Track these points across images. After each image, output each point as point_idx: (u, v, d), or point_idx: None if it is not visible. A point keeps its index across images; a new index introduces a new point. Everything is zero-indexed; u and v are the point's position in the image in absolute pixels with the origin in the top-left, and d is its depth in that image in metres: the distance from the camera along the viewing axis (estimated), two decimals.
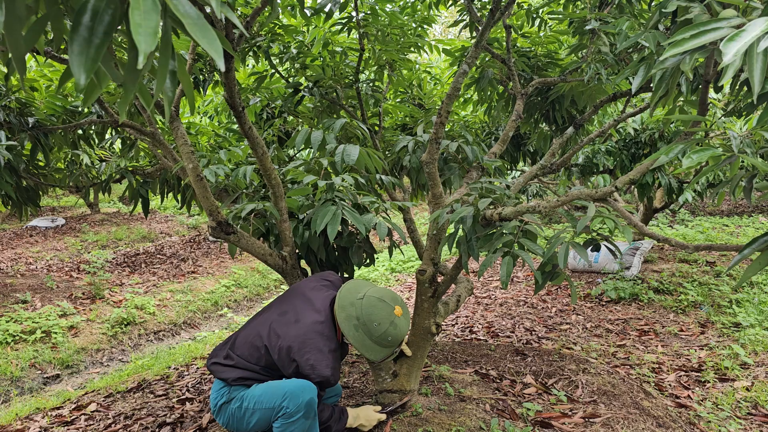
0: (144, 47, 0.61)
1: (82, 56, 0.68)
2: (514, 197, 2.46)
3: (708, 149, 1.36)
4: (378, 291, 2.39)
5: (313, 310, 2.36)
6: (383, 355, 2.38)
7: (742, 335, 4.34)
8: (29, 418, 3.66)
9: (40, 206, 4.01)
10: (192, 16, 0.69)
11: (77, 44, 0.69)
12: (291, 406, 2.23)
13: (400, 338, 2.37)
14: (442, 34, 18.74)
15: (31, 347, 5.47)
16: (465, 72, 2.77)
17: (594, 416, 2.91)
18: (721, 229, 9.42)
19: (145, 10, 0.63)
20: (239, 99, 2.25)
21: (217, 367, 2.41)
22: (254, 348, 2.35)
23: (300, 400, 2.24)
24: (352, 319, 2.31)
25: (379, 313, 2.31)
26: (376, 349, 2.34)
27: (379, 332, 2.30)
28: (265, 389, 2.30)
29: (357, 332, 2.30)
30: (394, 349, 2.41)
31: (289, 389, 2.25)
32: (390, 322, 2.31)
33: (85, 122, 3.40)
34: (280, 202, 2.58)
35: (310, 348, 2.24)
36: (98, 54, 0.69)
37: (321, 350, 2.26)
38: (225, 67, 0.67)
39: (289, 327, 2.30)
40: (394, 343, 2.37)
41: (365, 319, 2.30)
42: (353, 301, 2.34)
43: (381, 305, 2.32)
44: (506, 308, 5.66)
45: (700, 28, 1.18)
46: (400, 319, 2.35)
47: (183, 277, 8.66)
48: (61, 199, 14.69)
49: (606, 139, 6.48)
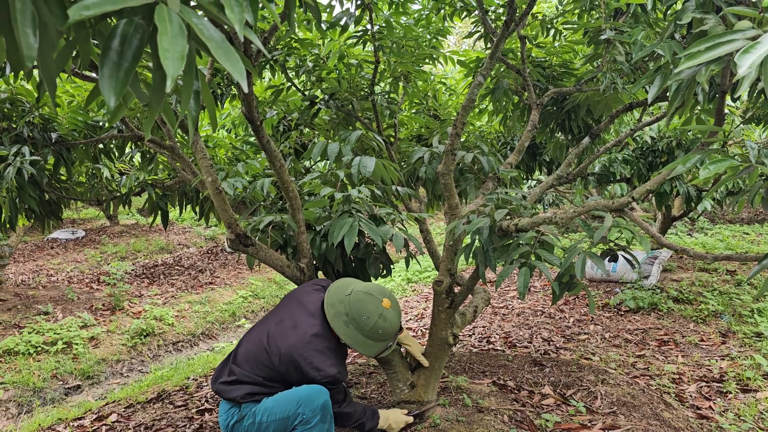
0: (172, 71, 0.64)
1: (112, 79, 0.71)
2: (530, 208, 2.47)
3: (725, 159, 1.36)
4: (365, 286, 2.41)
5: (307, 314, 2.38)
6: (377, 350, 2.39)
7: (764, 345, 4.27)
8: (51, 428, 3.71)
9: (62, 219, 4.08)
10: (216, 40, 0.71)
11: (107, 68, 0.71)
12: (307, 412, 2.25)
13: (391, 331, 2.38)
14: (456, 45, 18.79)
15: (53, 358, 5.54)
16: (480, 83, 2.78)
17: (613, 428, 2.88)
18: (741, 237, 9.31)
19: (172, 35, 0.65)
20: (257, 113, 2.28)
21: (223, 386, 2.39)
22: (256, 361, 2.35)
23: (315, 404, 2.26)
24: (342, 315, 2.33)
25: (368, 306, 2.32)
26: (369, 344, 2.35)
27: (369, 326, 2.31)
28: (278, 400, 2.31)
29: (348, 328, 2.32)
30: (387, 343, 2.41)
31: (303, 396, 2.27)
32: (379, 315, 2.33)
33: (107, 137, 3.46)
34: (297, 214, 2.60)
35: (311, 351, 2.25)
36: (127, 77, 0.72)
37: (322, 351, 2.28)
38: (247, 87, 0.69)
39: (287, 334, 2.31)
40: (387, 336, 2.38)
41: (354, 314, 2.31)
42: (341, 298, 2.35)
43: (369, 299, 2.34)
44: (523, 318, 5.63)
45: (715, 40, 1.19)
46: (389, 311, 2.36)
47: (201, 288, 8.72)
48: (81, 211, 14.89)
49: (622, 147, 6.44)
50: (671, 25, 2.05)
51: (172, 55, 0.64)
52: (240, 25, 0.73)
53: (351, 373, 3.88)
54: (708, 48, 1.19)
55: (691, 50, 1.21)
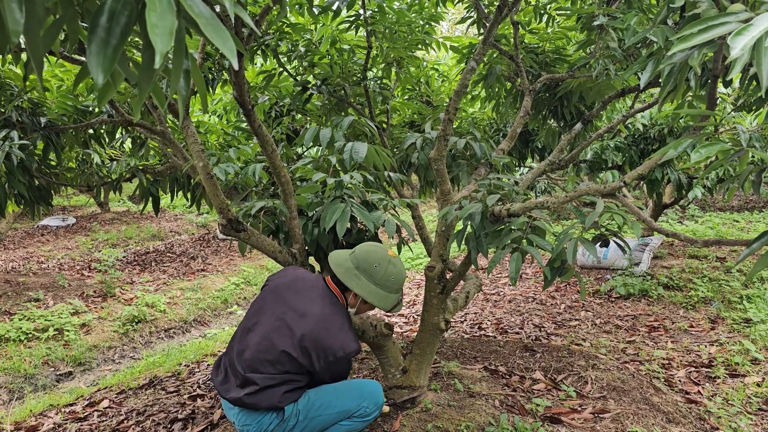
0: (160, 47, 0.63)
1: (100, 56, 0.70)
2: (523, 193, 2.47)
3: (717, 144, 1.37)
4: (366, 243, 2.44)
5: (312, 297, 2.30)
6: (391, 302, 2.37)
7: (752, 331, 4.32)
8: (43, 414, 3.71)
9: (52, 205, 4.05)
10: (206, 16, 0.70)
11: (95, 45, 0.70)
12: (371, 406, 2.33)
13: (401, 279, 2.39)
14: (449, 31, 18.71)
15: (44, 345, 5.53)
16: (473, 69, 2.77)
17: (603, 412, 2.91)
18: (731, 224, 9.37)
19: (161, 11, 0.64)
20: (249, 97, 2.26)
21: (251, 399, 2.20)
22: (274, 361, 2.20)
23: (379, 399, 2.37)
24: (352, 270, 2.32)
25: (375, 255, 2.35)
26: (382, 295, 2.33)
27: (381, 273, 2.32)
28: (335, 393, 2.30)
29: (360, 280, 2.31)
30: (398, 296, 2.40)
31: (367, 391, 2.35)
32: (388, 261, 2.34)
33: (97, 121, 3.43)
34: (289, 200, 2.59)
35: (331, 332, 2.19)
36: (115, 54, 0.71)
37: (342, 329, 2.22)
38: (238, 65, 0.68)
39: (299, 324, 2.21)
40: (398, 286, 2.38)
41: (365, 265, 2.32)
42: (347, 257, 2.36)
43: (375, 249, 2.37)
44: (515, 305, 5.66)
45: (708, 22, 1.19)
46: (396, 259, 2.39)
47: (193, 275, 8.71)
48: (71, 198, 14.80)
49: (614, 135, 6.46)
50: (664, 10, 2.05)
51: (160, 30, 0.63)
52: (230, 2, 0.72)
53: None
54: (701, 30, 1.19)
55: (684, 33, 1.21)
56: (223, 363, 2.41)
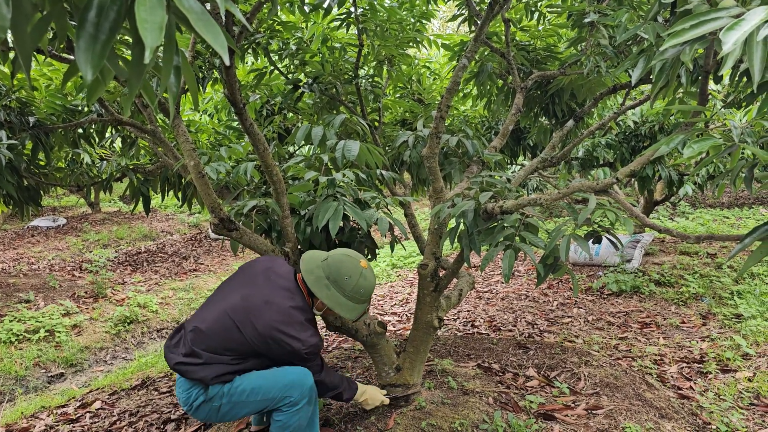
0: (150, 42, 0.62)
1: (89, 52, 0.69)
2: (515, 190, 2.47)
3: (709, 139, 1.37)
4: (340, 250, 2.41)
5: (279, 288, 2.32)
6: (357, 313, 2.37)
7: (743, 326, 4.34)
8: (35, 416, 3.68)
9: (41, 206, 4.01)
10: (196, 11, 0.69)
11: (83, 40, 0.69)
12: (295, 395, 2.27)
13: (369, 291, 2.38)
14: (440, 29, 18.71)
15: (35, 346, 5.49)
16: (464, 66, 2.77)
17: (597, 408, 2.92)
18: (722, 221, 9.43)
19: (150, 5, 0.63)
20: (240, 96, 2.25)
21: (186, 367, 2.26)
22: (225, 340, 2.24)
23: (305, 387, 2.29)
24: (323, 279, 2.31)
25: (347, 266, 2.32)
26: (350, 306, 2.33)
27: (351, 285, 2.30)
28: (260, 381, 2.29)
29: (330, 291, 2.30)
30: (366, 306, 2.41)
31: (291, 379, 2.28)
32: (359, 274, 2.32)
33: (86, 121, 3.40)
34: (281, 199, 2.58)
35: (291, 324, 2.21)
36: (104, 50, 0.70)
37: (302, 323, 2.24)
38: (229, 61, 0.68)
39: (260, 310, 2.23)
40: (366, 297, 2.37)
41: (335, 275, 2.30)
42: (318, 264, 2.33)
43: (347, 260, 2.34)
44: (508, 302, 5.67)
45: (699, 18, 1.19)
46: (367, 270, 2.37)
47: (185, 275, 8.67)
48: (61, 198, 14.71)
49: (606, 132, 6.48)
50: (655, 6, 2.05)
51: (150, 25, 0.62)
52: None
53: (336, 358, 3.88)
54: (693, 26, 1.19)
55: (675, 28, 1.21)
56: (182, 332, 2.42)
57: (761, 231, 1.43)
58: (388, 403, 2.77)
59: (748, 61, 1.10)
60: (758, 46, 1.09)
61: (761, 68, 1.10)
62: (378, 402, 2.70)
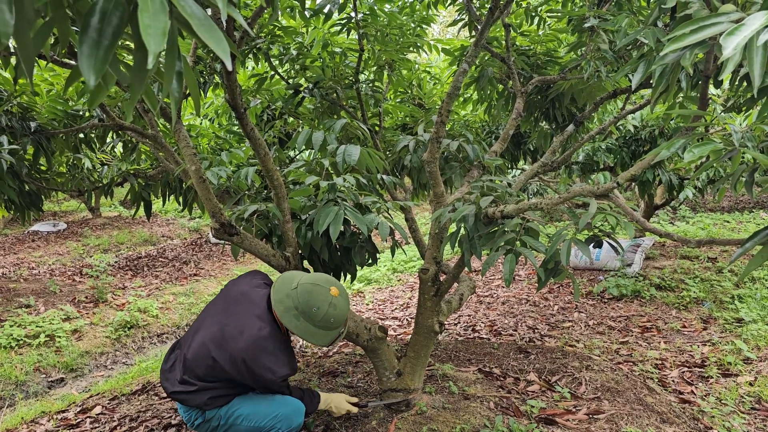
0: (153, 48, 0.62)
1: (92, 58, 0.69)
2: (516, 195, 2.47)
3: (709, 143, 1.37)
4: (310, 277, 2.36)
5: (252, 316, 2.33)
6: (329, 339, 2.36)
7: (744, 331, 4.34)
8: (35, 421, 3.67)
9: (42, 210, 4.02)
10: (199, 17, 0.70)
11: (86, 46, 0.70)
12: (283, 428, 2.37)
13: (342, 318, 2.35)
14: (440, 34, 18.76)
15: (35, 351, 5.48)
16: (465, 71, 2.77)
17: (598, 412, 2.91)
18: (722, 225, 9.43)
19: (153, 11, 0.64)
20: (241, 100, 2.26)
21: (182, 396, 2.35)
22: (208, 367, 2.30)
23: (293, 423, 2.39)
24: (291, 310, 2.28)
25: (316, 297, 2.28)
26: (322, 334, 2.32)
27: (320, 316, 2.27)
28: (255, 408, 2.37)
29: (299, 321, 2.28)
30: (339, 330, 2.39)
31: (283, 413, 2.37)
32: (329, 304, 2.28)
33: (87, 126, 3.41)
34: (282, 203, 2.59)
35: (262, 354, 2.24)
36: (107, 55, 0.70)
37: (273, 353, 2.26)
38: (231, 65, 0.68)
39: (235, 340, 2.26)
40: (338, 324, 2.35)
41: (304, 306, 2.27)
42: (288, 293, 2.30)
43: (316, 289, 2.29)
44: (508, 306, 5.67)
45: (699, 23, 1.19)
46: (337, 298, 2.32)
47: (185, 279, 8.67)
48: (62, 203, 14.72)
49: (606, 136, 6.48)
50: (655, 11, 2.05)
51: (153, 31, 0.63)
52: (223, 3, 0.72)
53: (337, 362, 3.88)
54: (693, 31, 1.19)
55: (676, 33, 1.21)
56: (176, 353, 2.51)
57: (762, 235, 1.43)
58: (356, 412, 2.76)
59: (748, 65, 1.10)
60: (758, 50, 1.09)
61: (761, 73, 1.10)
62: (344, 410, 2.69)
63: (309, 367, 3.90)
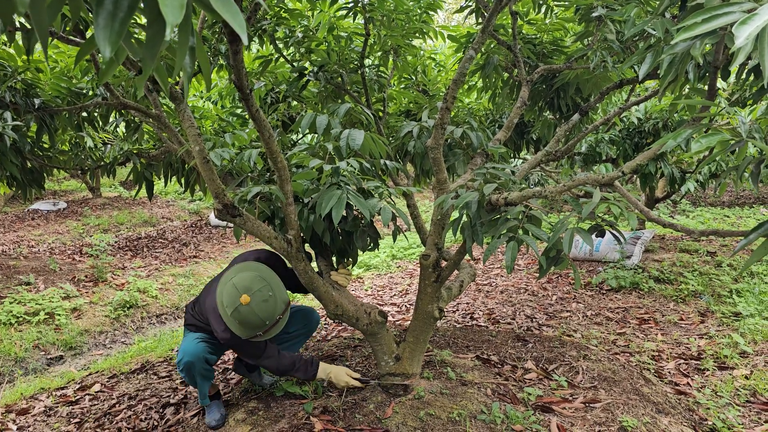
0: (171, 19, 0.62)
1: (107, 29, 0.69)
2: (519, 183, 2.47)
3: (716, 134, 1.37)
4: (241, 278, 2.62)
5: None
6: (245, 334, 2.62)
7: (741, 324, 4.36)
8: (34, 397, 3.70)
9: (44, 188, 4.02)
10: None
11: (102, 18, 0.70)
12: (177, 359, 2.82)
13: (248, 322, 2.58)
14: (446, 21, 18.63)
15: (34, 328, 5.50)
16: (471, 57, 2.76)
17: (594, 401, 2.94)
18: (722, 219, 9.44)
19: None
20: (247, 81, 2.25)
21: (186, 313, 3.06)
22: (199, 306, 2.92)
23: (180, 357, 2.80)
24: (219, 295, 2.64)
25: (227, 299, 2.58)
26: (235, 325, 2.60)
27: (228, 313, 2.58)
28: (182, 341, 2.90)
29: (220, 307, 2.62)
30: (256, 331, 2.62)
31: (182, 348, 2.82)
32: (234, 308, 2.55)
33: (91, 104, 3.40)
34: (285, 186, 2.58)
35: (213, 315, 2.70)
36: (123, 27, 0.70)
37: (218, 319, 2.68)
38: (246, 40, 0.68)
39: (208, 296, 2.80)
40: (249, 326, 2.59)
41: (221, 298, 2.62)
42: (226, 282, 2.63)
43: (232, 292, 2.58)
44: (507, 295, 5.69)
45: (711, 12, 1.19)
46: (244, 306, 2.55)
47: (185, 261, 8.69)
48: (62, 183, 14.71)
49: (609, 128, 6.47)
50: (665, 1, 2.04)
51: (171, 2, 0.63)
52: None
53: (336, 346, 3.90)
54: (705, 20, 1.19)
55: (687, 22, 1.21)
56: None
57: (765, 227, 1.44)
58: (356, 386, 2.93)
59: (759, 55, 1.10)
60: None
61: None
62: (343, 382, 2.90)
63: (307, 350, 3.92)
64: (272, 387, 3.19)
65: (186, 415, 3.12)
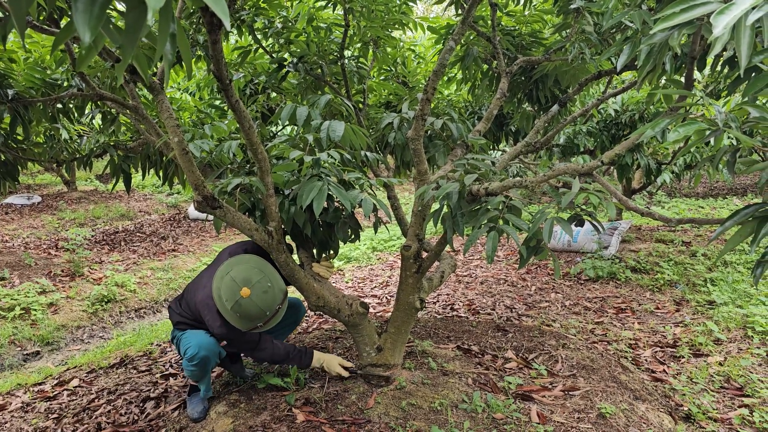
0: (153, 3, 0.62)
1: (87, 14, 0.68)
2: (500, 174, 2.49)
3: (694, 123, 1.39)
4: (238, 271, 2.65)
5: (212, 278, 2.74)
6: (245, 327, 2.66)
7: (715, 312, 4.45)
8: (11, 393, 3.64)
9: (18, 182, 3.94)
10: None
11: (82, 2, 0.68)
12: (189, 354, 2.77)
13: (249, 315, 2.62)
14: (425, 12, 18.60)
15: (10, 324, 5.42)
16: (452, 48, 2.77)
17: (573, 389, 2.98)
18: (696, 210, 9.59)
19: None
20: (226, 72, 2.23)
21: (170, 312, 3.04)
22: (187, 305, 2.92)
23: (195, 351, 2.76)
24: (217, 290, 2.66)
25: (227, 293, 2.61)
26: (235, 318, 2.63)
27: (228, 308, 2.61)
28: (186, 336, 2.85)
29: (219, 302, 2.64)
30: (256, 323, 2.66)
31: (194, 342, 2.78)
32: (235, 302, 2.59)
33: (66, 95, 3.34)
34: (266, 177, 2.57)
35: (207, 310, 2.72)
36: (102, 12, 0.69)
37: (212, 313, 2.71)
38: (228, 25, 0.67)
39: (198, 292, 2.82)
40: (250, 318, 2.63)
41: (220, 293, 2.64)
42: (222, 276, 2.66)
43: (232, 286, 2.61)
44: (487, 286, 5.73)
45: (689, 2, 1.21)
46: (245, 299, 2.58)
47: (163, 255, 8.60)
48: (36, 176, 14.45)
49: (587, 119, 6.53)
50: None
51: None
52: None
53: (317, 338, 3.90)
54: (683, 10, 1.21)
55: (665, 12, 1.23)
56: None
57: (741, 215, 1.47)
58: (347, 376, 2.99)
59: (736, 45, 1.12)
60: (746, 30, 1.11)
61: (748, 53, 1.12)
62: (334, 371, 2.98)
63: (288, 341, 3.91)
64: (254, 379, 3.18)
65: (167, 409, 3.10)
